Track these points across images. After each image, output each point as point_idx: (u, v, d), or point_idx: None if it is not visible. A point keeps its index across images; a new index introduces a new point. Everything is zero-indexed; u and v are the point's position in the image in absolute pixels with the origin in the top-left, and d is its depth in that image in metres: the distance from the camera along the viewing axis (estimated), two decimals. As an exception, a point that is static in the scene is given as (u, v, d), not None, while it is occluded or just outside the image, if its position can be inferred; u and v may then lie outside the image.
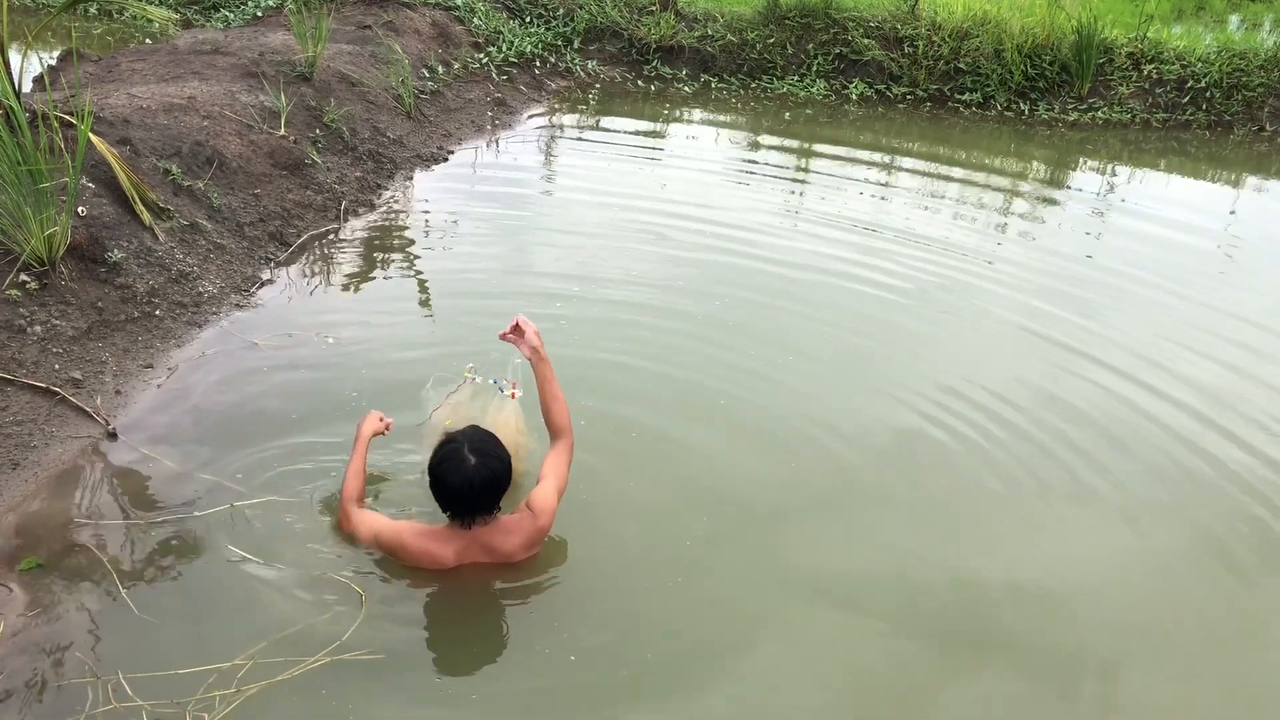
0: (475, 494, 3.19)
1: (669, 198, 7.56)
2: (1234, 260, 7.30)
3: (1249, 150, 10.47)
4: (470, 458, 3.17)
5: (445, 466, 3.17)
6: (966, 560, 3.75)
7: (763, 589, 3.51)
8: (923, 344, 5.41)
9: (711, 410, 4.54)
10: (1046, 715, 3.13)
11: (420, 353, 4.84)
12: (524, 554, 3.41)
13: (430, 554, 3.32)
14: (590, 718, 2.95)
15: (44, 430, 3.94)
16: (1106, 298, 6.23)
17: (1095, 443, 4.51)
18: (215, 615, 3.16)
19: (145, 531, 3.48)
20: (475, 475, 3.16)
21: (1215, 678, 3.34)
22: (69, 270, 4.62)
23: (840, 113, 10.81)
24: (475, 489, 3.17)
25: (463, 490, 3.17)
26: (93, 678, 2.87)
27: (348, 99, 7.77)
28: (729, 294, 5.82)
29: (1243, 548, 3.94)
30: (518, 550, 3.39)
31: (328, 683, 2.93)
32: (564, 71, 11.06)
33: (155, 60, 7.62)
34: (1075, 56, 11.08)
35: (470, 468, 3.16)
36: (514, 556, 3.39)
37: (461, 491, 3.17)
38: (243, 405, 4.30)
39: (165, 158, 5.72)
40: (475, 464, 3.17)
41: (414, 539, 3.34)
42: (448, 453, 3.20)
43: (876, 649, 3.32)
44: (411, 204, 7.10)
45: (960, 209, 7.97)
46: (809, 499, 4.01)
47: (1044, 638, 3.41)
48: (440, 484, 3.19)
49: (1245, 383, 5.19)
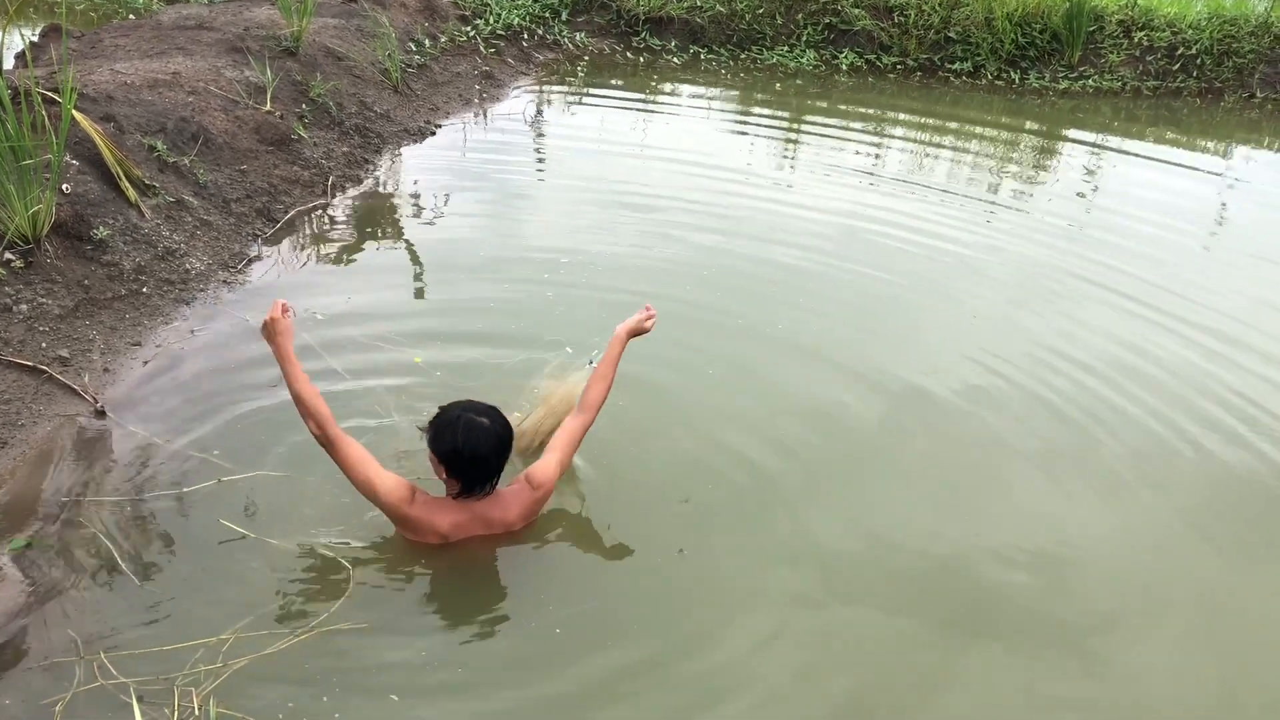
0: (503, 455, 3.26)
1: (659, 170, 7.54)
2: (1222, 232, 7.31)
3: (1240, 117, 10.46)
4: (484, 420, 3.20)
5: (472, 437, 3.17)
6: (961, 534, 3.76)
7: (752, 564, 3.53)
8: (912, 321, 5.42)
9: (702, 383, 4.55)
10: (1043, 687, 3.15)
11: (409, 326, 4.84)
12: (522, 523, 3.44)
13: (430, 524, 3.29)
14: (576, 689, 2.97)
15: (31, 409, 3.94)
16: (1095, 274, 6.24)
17: (1091, 416, 4.53)
18: (203, 590, 3.17)
19: (133, 508, 3.49)
20: (503, 434, 3.24)
21: (1212, 649, 3.36)
22: (54, 248, 4.61)
23: (830, 83, 10.77)
24: (504, 449, 3.25)
25: (497, 453, 3.23)
26: (80, 655, 2.89)
27: (334, 73, 7.72)
28: (720, 264, 5.82)
29: (1238, 519, 3.97)
30: (516, 520, 3.41)
31: (314, 656, 2.95)
32: (552, 44, 11.00)
33: (139, 36, 7.56)
34: (1066, 24, 11.05)
35: (493, 430, 3.20)
36: (513, 526, 3.42)
37: (493, 456, 3.22)
38: (231, 382, 4.30)
39: (150, 134, 5.69)
40: (491, 425, 3.21)
41: (417, 507, 3.26)
42: (465, 425, 3.18)
43: (869, 622, 3.34)
44: (399, 179, 7.08)
45: (950, 181, 7.96)
46: (800, 473, 4.02)
47: (1041, 610, 3.43)
48: (471, 456, 3.18)
49: (1235, 356, 5.22)
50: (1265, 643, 3.42)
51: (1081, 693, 3.12)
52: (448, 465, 3.24)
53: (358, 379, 4.33)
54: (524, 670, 3.01)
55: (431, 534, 3.32)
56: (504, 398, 3.62)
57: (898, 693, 3.09)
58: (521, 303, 5.18)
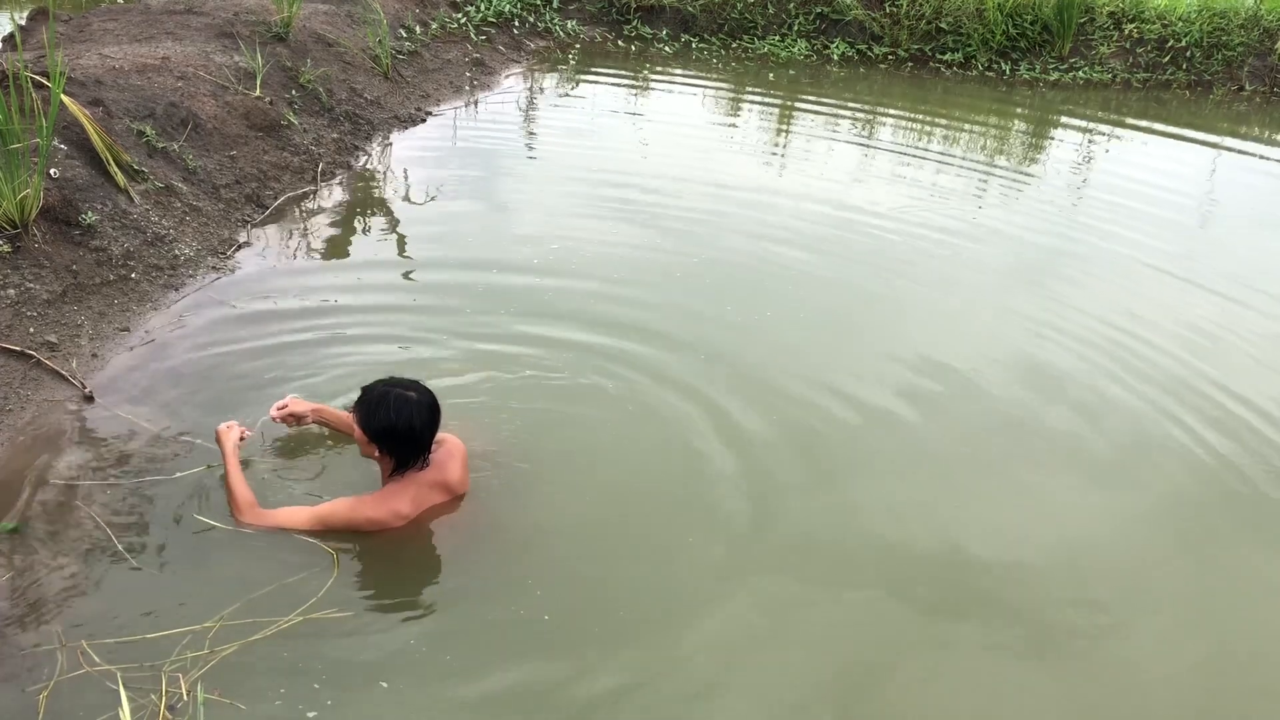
0: (434, 426, 3.33)
1: (649, 158, 7.55)
2: (1210, 222, 7.34)
3: (1228, 109, 10.49)
4: (411, 394, 3.28)
5: (401, 412, 3.24)
6: (947, 523, 3.78)
7: (737, 550, 3.55)
8: (899, 310, 5.43)
9: (690, 371, 4.56)
10: (1029, 678, 3.16)
11: (397, 315, 4.85)
12: (466, 479, 3.55)
13: (395, 511, 3.35)
14: (564, 675, 2.98)
15: (19, 394, 3.93)
16: (1085, 263, 6.26)
17: (1077, 407, 4.56)
18: (190, 577, 3.17)
19: (121, 494, 3.49)
20: (430, 404, 3.31)
21: (1199, 638, 3.37)
22: (42, 233, 4.59)
23: (822, 73, 10.77)
24: (435, 419, 3.32)
25: (429, 424, 3.30)
26: (65, 642, 2.89)
27: (324, 60, 7.69)
28: (709, 255, 5.83)
29: (1228, 510, 4.00)
30: (461, 479, 3.51)
31: (301, 642, 2.96)
32: (543, 31, 10.97)
33: (127, 20, 7.52)
34: (1057, 15, 11.07)
35: (420, 402, 3.28)
36: (461, 486, 3.52)
37: (426, 427, 3.30)
38: (219, 368, 4.30)
39: (139, 119, 5.66)
40: (419, 397, 3.29)
41: (374, 506, 3.35)
42: (390, 401, 3.25)
43: (853, 611, 3.35)
44: (389, 165, 7.06)
45: (940, 170, 7.98)
46: (786, 461, 4.03)
47: (1027, 601, 3.44)
48: (403, 431, 3.26)
49: (1222, 346, 5.26)
50: (1254, 633, 3.44)
51: (1071, 684, 3.14)
52: (380, 442, 3.30)
53: (345, 366, 4.34)
54: (513, 656, 3.02)
55: (397, 518, 3.37)
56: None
57: (885, 684, 3.11)
58: (507, 290, 5.18)
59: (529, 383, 4.32)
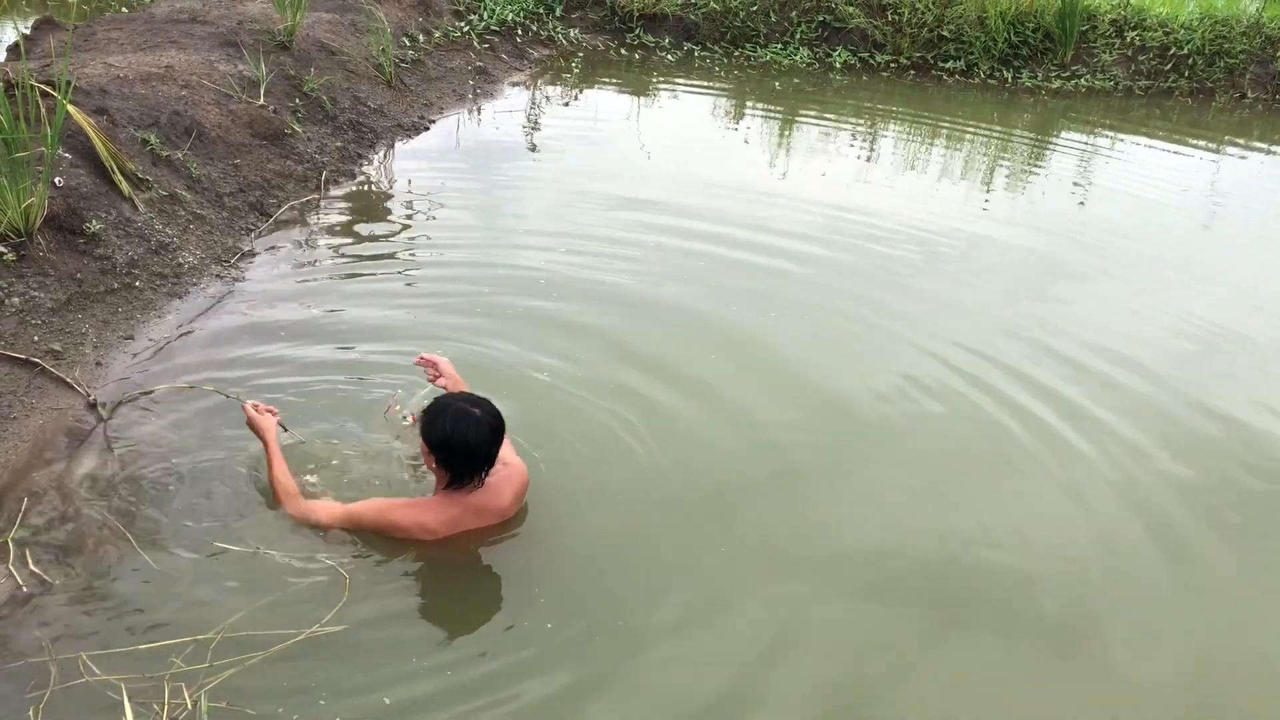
0: (494, 445, 3.25)
1: (652, 165, 7.56)
2: (1211, 230, 7.35)
3: (1230, 117, 10.49)
4: (475, 410, 3.21)
5: (458, 426, 3.18)
6: (944, 527, 3.78)
7: (737, 557, 3.55)
8: (900, 314, 5.42)
9: (691, 377, 4.55)
10: (1023, 680, 3.16)
11: (402, 324, 4.85)
12: (516, 507, 3.48)
13: (422, 525, 3.32)
14: (568, 687, 2.97)
15: (24, 402, 3.93)
16: (1084, 271, 6.27)
17: (1074, 410, 4.55)
18: (194, 589, 3.16)
19: (125, 503, 3.49)
20: (494, 424, 3.23)
21: (1194, 641, 3.37)
22: (47, 241, 4.60)
23: (824, 81, 10.78)
24: (495, 439, 3.24)
25: (488, 442, 3.22)
26: (65, 653, 2.87)
27: (328, 68, 7.71)
28: (710, 260, 5.83)
29: (1228, 512, 3.99)
30: (510, 506, 3.44)
31: (308, 657, 2.95)
32: (546, 40, 10.99)
33: (132, 29, 7.54)
34: (1059, 23, 11.08)
35: (484, 420, 3.20)
36: (507, 513, 3.44)
37: (483, 446, 3.21)
38: (223, 376, 4.30)
39: (143, 128, 5.67)
40: (481, 414, 3.21)
41: (404, 512, 3.33)
42: (455, 414, 3.20)
43: (853, 616, 3.35)
44: (393, 174, 7.07)
45: (943, 177, 7.98)
46: (783, 468, 4.04)
47: (1021, 603, 3.45)
48: (458, 445, 3.19)
49: (1220, 353, 5.26)
50: (1248, 635, 3.44)
51: (1062, 684, 3.14)
52: (438, 454, 3.25)
53: (349, 373, 4.34)
54: (517, 669, 3.00)
55: (423, 532, 3.33)
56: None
57: (878, 684, 3.11)
58: (512, 298, 5.18)
59: (534, 392, 4.31)
